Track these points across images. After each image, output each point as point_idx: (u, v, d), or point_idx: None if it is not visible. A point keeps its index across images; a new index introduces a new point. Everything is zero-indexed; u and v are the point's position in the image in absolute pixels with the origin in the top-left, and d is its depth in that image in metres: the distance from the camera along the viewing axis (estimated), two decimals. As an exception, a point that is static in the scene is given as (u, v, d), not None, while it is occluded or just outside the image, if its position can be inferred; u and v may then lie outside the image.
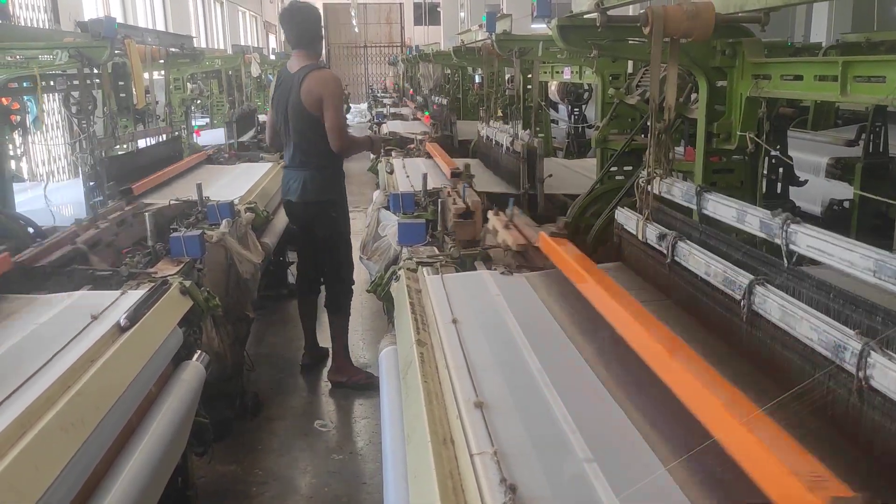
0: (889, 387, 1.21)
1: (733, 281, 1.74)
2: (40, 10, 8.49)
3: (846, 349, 1.31)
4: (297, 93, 3.80)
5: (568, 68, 5.06)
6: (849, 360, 1.30)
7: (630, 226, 2.48)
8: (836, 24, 10.80)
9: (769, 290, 1.61)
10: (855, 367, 1.28)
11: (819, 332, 1.40)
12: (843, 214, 4.49)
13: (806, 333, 1.44)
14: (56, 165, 7.75)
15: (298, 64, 3.88)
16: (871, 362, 1.25)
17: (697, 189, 2.21)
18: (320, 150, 3.90)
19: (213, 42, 18.38)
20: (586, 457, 1.48)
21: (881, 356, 1.23)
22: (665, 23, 2.23)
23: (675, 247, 2.09)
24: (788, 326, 1.51)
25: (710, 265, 1.87)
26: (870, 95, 1.97)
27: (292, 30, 3.94)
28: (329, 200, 4.03)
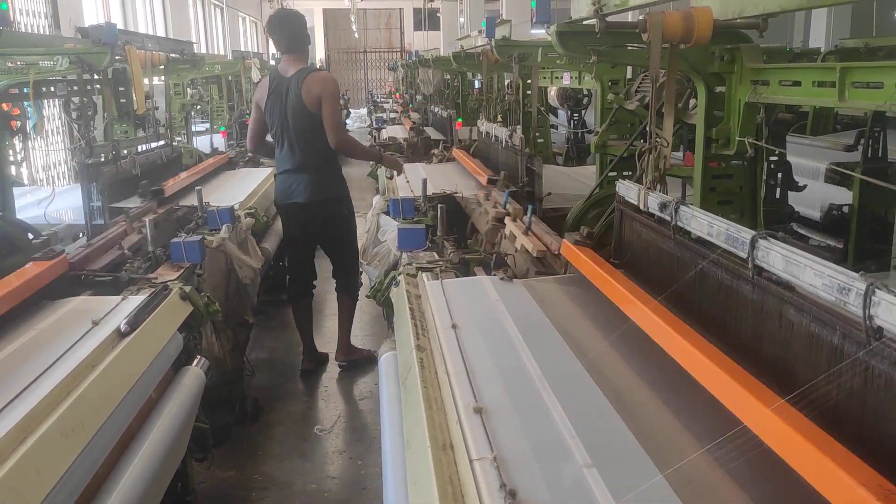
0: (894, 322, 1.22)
1: (736, 238, 1.75)
2: (41, 16, 8.51)
3: (850, 291, 1.32)
4: (298, 93, 3.87)
5: (567, 74, 5.08)
6: (853, 302, 1.31)
7: (631, 196, 2.46)
8: (835, 29, 10.84)
9: (772, 243, 1.61)
10: (861, 307, 1.29)
11: (823, 277, 1.41)
12: (842, 219, 4.50)
13: (810, 280, 1.45)
14: (56, 171, 7.76)
15: (294, 67, 3.95)
16: (877, 300, 1.26)
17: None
18: (318, 150, 3.97)
19: (213, 47, 18.42)
20: (585, 462, 1.48)
21: (886, 293, 1.24)
22: (664, 29, 2.24)
23: (678, 211, 2.09)
24: (793, 276, 1.52)
25: (713, 225, 1.88)
26: (868, 101, 1.99)
27: (284, 36, 4.01)
28: (340, 197, 4.18)
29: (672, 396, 1.76)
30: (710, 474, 1.42)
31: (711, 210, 2.12)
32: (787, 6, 2.04)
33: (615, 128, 4.16)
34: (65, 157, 7.58)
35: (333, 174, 4.13)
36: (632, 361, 1.98)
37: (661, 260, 2.28)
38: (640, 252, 2.46)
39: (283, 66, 4.01)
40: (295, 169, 4.02)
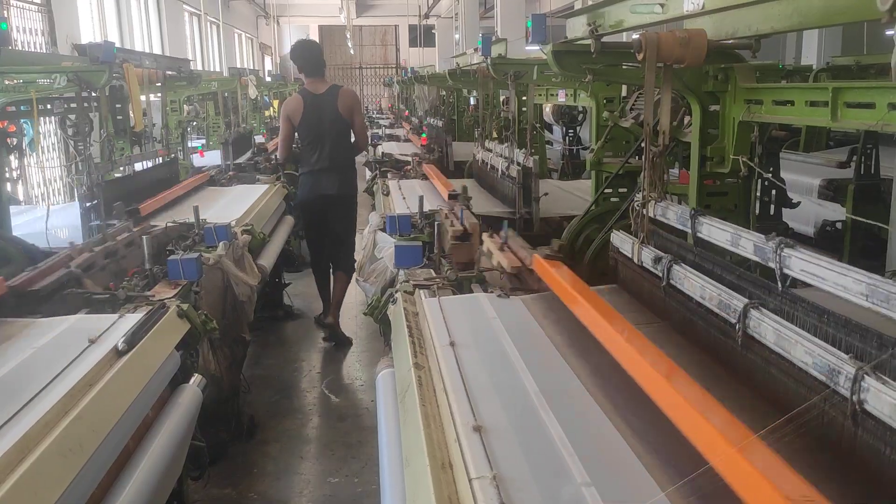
0: (883, 410, 1.22)
1: (728, 304, 1.76)
2: (37, 34, 8.54)
3: (840, 373, 1.32)
4: (335, 105, 4.90)
5: (563, 91, 5.11)
6: (843, 385, 1.32)
7: (626, 249, 2.50)
8: (827, 46, 10.93)
9: (764, 314, 1.62)
10: (849, 391, 1.29)
11: (814, 355, 1.42)
12: (835, 235, 4.52)
13: (801, 357, 1.46)
14: (52, 188, 7.75)
15: (323, 86, 4.95)
16: (865, 386, 1.26)
17: (692, 213, 2.24)
18: (346, 152, 5.06)
19: (209, 64, 18.48)
20: (584, 480, 1.49)
21: (875, 380, 1.25)
22: (658, 49, 2.26)
23: (671, 270, 2.11)
24: (783, 350, 1.53)
25: (705, 289, 1.89)
26: (860, 121, 2.00)
27: (308, 62, 4.96)
28: (355, 192, 5.24)
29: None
30: (711, 492, 1.42)
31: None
32: (779, 27, 2.06)
33: (610, 145, 4.18)
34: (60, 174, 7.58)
35: (353, 172, 5.17)
36: (630, 378, 1.98)
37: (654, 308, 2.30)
38: (637, 297, 2.48)
39: (310, 86, 4.95)
40: (328, 168, 4.96)
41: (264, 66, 27.18)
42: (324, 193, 5.00)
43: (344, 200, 5.10)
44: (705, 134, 2.73)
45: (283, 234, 5.36)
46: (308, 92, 4.95)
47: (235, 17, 22.73)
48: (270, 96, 14.17)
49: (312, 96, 4.92)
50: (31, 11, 8.42)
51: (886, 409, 1.21)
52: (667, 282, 2.13)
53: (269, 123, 11.82)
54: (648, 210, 2.42)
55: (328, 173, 4.97)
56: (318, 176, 4.98)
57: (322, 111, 4.89)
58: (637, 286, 2.46)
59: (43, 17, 8.66)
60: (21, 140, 4.76)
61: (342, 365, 4.93)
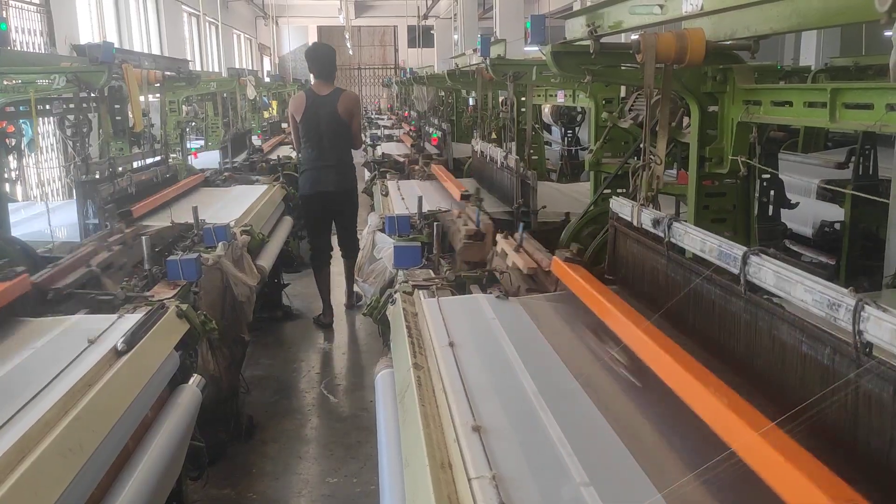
0: (883, 338, 1.24)
1: (728, 254, 1.76)
2: (36, 34, 8.54)
3: (840, 306, 1.33)
4: (334, 108, 5.19)
5: (561, 92, 5.11)
6: (843, 318, 1.32)
7: (625, 212, 2.48)
8: (825, 47, 10.94)
9: (764, 259, 1.63)
10: (850, 322, 1.30)
11: (813, 293, 1.42)
12: (834, 236, 4.53)
13: (801, 296, 1.46)
14: (50, 188, 7.75)
15: (327, 89, 5.25)
16: (866, 316, 1.27)
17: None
18: (344, 150, 5.35)
19: (207, 65, 18.47)
20: (583, 480, 1.49)
21: (875, 309, 1.26)
22: (657, 50, 2.27)
23: (671, 228, 2.11)
24: (784, 292, 1.53)
25: (705, 241, 1.89)
26: (858, 122, 2.01)
27: (317, 65, 5.28)
28: (355, 187, 5.53)
29: (669, 413, 1.76)
30: (708, 493, 1.42)
31: (705, 227, 2.13)
32: (778, 28, 2.06)
33: (609, 145, 4.18)
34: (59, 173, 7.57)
35: (351, 169, 5.44)
36: (628, 379, 1.99)
37: (654, 277, 2.30)
38: (634, 269, 2.48)
39: (315, 87, 5.28)
40: (326, 165, 5.24)
41: (263, 67, 27.18)
42: (323, 190, 5.28)
43: (344, 195, 5.38)
44: (704, 134, 2.73)
45: (282, 235, 5.36)
46: (313, 92, 5.28)
47: (234, 17, 22.73)
48: (269, 97, 14.16)
49: (316, 96, 5.24)
50: (30, 12, 8.42)
51: (887, 335, 1.22)
52: (668, 239, 2.12)
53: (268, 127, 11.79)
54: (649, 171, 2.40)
55: (327, 170, 5.27)
56: (318, 173, 5.27)
57: (322, 111, 5.19)
58: (637, 254, 2.44)
59: (42, 18, 8.67)
60: (20, 140, 4.76)
61: (341, 365, 4.94)
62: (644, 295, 2.36)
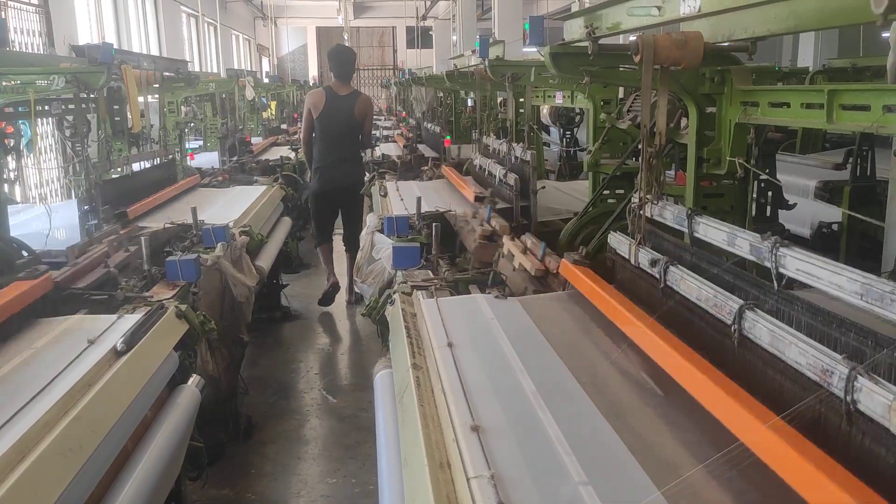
0: (876, 410, 1.23)
1: (723, 306, 1.77)
2: (35, 35, 8.54)
3: (834, 373, 1.33)
4: (351, 108, 5.54)
5: (560, 93, 5.12)
6: (836, 385, 1.32)
7: (623, 250, 2.51)
8: (823, 48, 10.97)
9: (759, 315, 1.63)
10: (843, 391, 1.30)
11: (807, 356, 1.42)
12: (831, 237, 4.54)
13: (795, 358, 1.47)
14: (49, 188, 7.75)
15: (345, 90, 5.60)
16: (858, 386, 1.27)
17: (689, 212, 2.25)
18: (355, 149, 5.76)
19: (206, 65, 18.47)
20: (582, 479, 1.50)
21: (868, 381, 1.25)
22: (655, 51, 2.27)
23: (667, 271, 2.12)
24: (778, 351, 1.54)
25: (701, 290, 1.90)
26: (855, 123, 2.02)
27: (338, 66, 5.61)
28: (363, 183, 5.89)
29: (668, 413, 1.77)
30: (707, 491, 1.43)
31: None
32: (775, 30, 2.07)
33: (607, 146, 4.19)
34: (58, 174, 7.57)
35: (361, 166, 6.00)
36: (627, 378, 2.00)
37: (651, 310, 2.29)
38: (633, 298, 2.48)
39: (335, 86, 5.61)
40: (340, 160, 5.60)
41: (262, 68, 27.19)
42: (335, 185, 5.65)
43: (352, 190, 5.78)
44: (702, 136, 2.74)
45: (281, 236, 5.37)
46: (332, 91, 5.59)
47: (233, 18, 22.73)
48: (268, 97, 14.16)
49: (335, 95, 5.56)
50: (29, 13, 8.42)
51: (879, 409, 1.22)
52: (664, 283, 2.13)
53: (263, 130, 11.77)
54: (645, 211, 2.42)
55: (340, 165, 5.63)
56: (332, 168, 5.62)
57: (339, 110, 5.53)
58: (635, 287, 2.46)
59: (40, 19, 8.66)
60: (18, 141, 4.77)
61: (340, 366, 4.94)
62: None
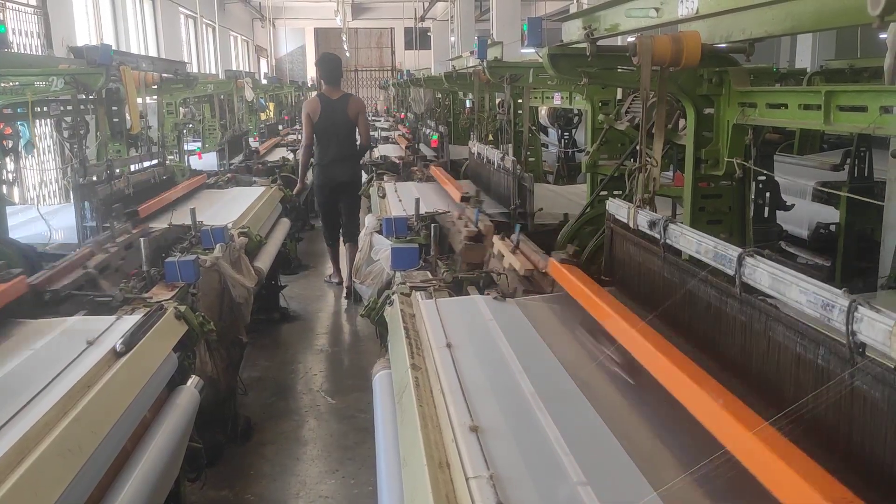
0: (877, 338, 1.25)
1: (723, 255, 1.78)
2: (33, 36, 8.54)
3: (834, 307, 1.34)
4: (345, 111, 6.04)
5: (558, 94, 5.13)
6: (836, 319, 1.33)
7: (621, 214, 2.49)
8: (821, 49, 10.98)
9: (759, 260, 1.64)
10: (844, 323, 1.31)
11: (808, 294, 1.43)
12: (829, 237, 4.55)
13: (796, 297, 1.47)
14: (47, 189, 7.75)
15: (336, 93, 6.09)
16: (859, 317, 1.28)
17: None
18: (352, 148, 6.18)
19: (204, 67, 18.47)
20: (580, 480, 1.50)
21: (868, 310, 1.27)
22: (653, 53, 2.28)
23: (667, 229, 2.12)
24: (779, 293, 1.54)
25: (701, 243, 1.90)
26: (852, 124, 2.03)
27: (329, 71, 6.11)
28: (360, 179, 6.40)
29: (665, 414, 1.78)
30: (703, 491, 1.44)
31: (701, 229, 2.15)
32: (773, 31, 2.08)
33: (606, 147, 4.20)
34: (56, 175, 7.57)
35: (357, 164, 6.38)
36: (624, 379, 2.00)
37: (650, 278, 2.31)
38: (631, 270, 2.49)
39: (327, 92, 6.11)
40: (338, 159, 6.06)
41: (260, 69, 27.19)
42: (337, 180, 6.12)
43: (352, 185, 6.25)
44: (700, 137, 2.75)
45: (280, 237, 5.37)
46: (325, 96, 6.08)
47: (231, 19, 22.73)
48: (266, 99, 14.16)
49: (328, 100, 6.04)
50: (27, 14, 8.42)
51: (880, 336, 1.23)
52: (664, 241, 2.13)
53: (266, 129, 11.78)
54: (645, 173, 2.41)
55: (339, 163, 6.08)
56: (331, 166, 6.08)
57: (335, 113, 6.01)
58: (633, 255, 2.45)
59: (39, 20, 8.66)
60: (17, 142, 4.77)
61: (339, 367, 4.94)
62: (640, 296, 2.37)
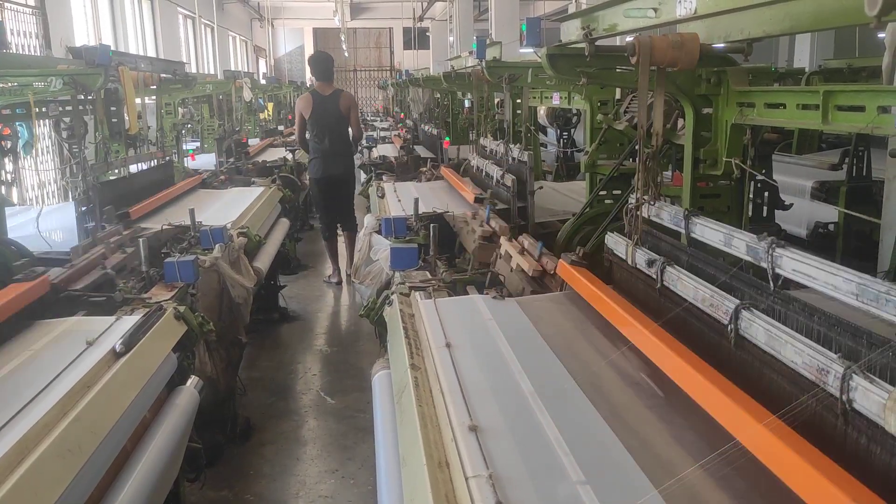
0: (871, 409, 1.24)
1: (720, 306, 1.78)
2: (32, 37, 8.54)
3: (829, 372, 1.34)
4: (337, 106, 6.39)
5: (557, 94, 5.14)
6: (832, 384, 1.33)
7: (620, 251, 2.52)
8: (819, 49, 10.99)
9: (755, 315, 1.64)
10: (838, 390, 1.31)
11: (803, 355, 1.43)
12: (828, 237, 4.56)
13: (791, 357, 1.48)
14: (46, 190, 7.74)
15: (329, 90, 6.43)
16: (854, 385, 1.28)
17: (686, 213, 2.25)
18: (345, 141, 6.54)
19: (203, 67, 18.46)
20: (579, 479, 1.50)
21: (863, 379, 1.26)
22: (652, 53, 2.29)
23: (664, 272, 2.13)
24: (774, 350, 1.55)
25: (697, 290, 1.91)
26: (850, 124, 2.03)
27: (319, 70, 6.46)
28: (354, 171, 6.86)
29: (665, 413, 1.78)
30: (705, 490, 1.44)
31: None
32: (771, 31, 2.09)
33: (604, 147, 4.21)
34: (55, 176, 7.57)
35: (350, 156, 6.73)
36: (624, 378, 2.01)
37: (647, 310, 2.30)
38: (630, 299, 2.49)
39: (319, 88, 6.44)
40: (331, 153, 6.38)
41: (259, 69, 27.17)
42: (331, 173, 6.46)
43: (345, 177, 6.63)
44: (698, 136, 2.75)
45: (279, 237, 5.37)
46: (317, 93, 6.41)
47: (230, 19, 22.72)
48: (265, 99, 14.16)
49: (320, 97, 6.38)
50: (26, 14, 8.42)
51: (874, 407, 1.23)
52: (661, 283, 2.14)
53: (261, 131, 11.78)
54: (642, 212, 2.43)
55: (332, 157, 6.41)
56: (325, 159, 6.41)
57: (327, 109, 6.35)
58: (631, 287, 2.47)
59: (37, 20, 8.66)
60: (16, 143, 4.77)
61: (338, 367, 4.94)
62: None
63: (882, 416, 1.21)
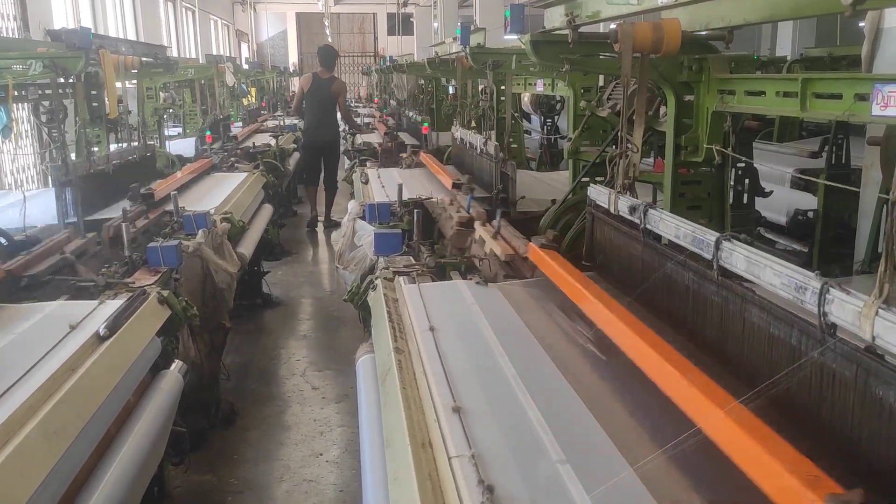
0: (847, 319, 1.29)
1: (701, 240, 1.82)
2: (9, 19, 8.41)
3: (807, 290, 1.39)
4: (330, 88, 8.07)
5: (541, 81, 5.15)
6: (809, 301, 1.38)
7: (602, 200, 2.53)
8: (801, 37, 11.08)
9: (735, 244, 1.69)
10: (816, 304, 1.36)
11: (782, 276, 1.48)
12: (807, 224, 4.62)
13: (770, 280, 1.52)
14: (25, 174, 7.66)
15: (326, 75, 8.21)
16: (830, 298, 1.33)
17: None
18: (333, 116, 8.33)
19: (184, 51, 18.26)
20: (559, 458, 1.54)
21: (839, 292, 1.32)
22: (634, 40, 2.31)
23: (647, 214, 2.16)
24: (754, 276, 1.58)
25: (679, 227, 1.94)
26: (828, 111, 2.07)
27: (325, 59, 8.26)
28: (339, 140, 8.50)
29: (641, 393, 1.81)
30: (678, 467, 1.48)
31: (680, 215, 2.18)
32: (751, 19, 2.11)
33: (587, 134, 4.23)
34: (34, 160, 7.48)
35: (336, 128, 8.47)
36: (602, 360, 2.04)
37: (630, 262, 2.35)
38: (611, 254, 2.53)
39: (320, 73, 8.22)
40: (321, 125, 8.14)
41: (241, 54, 26.90)
42: (319, 141, 8.14)
43: (332, 144, 8.29)
44: (680, 123, 2.78)
45: (263, 223, 5.35)
46: (318, 76, 8.17)
47: (211, 3, 22.44)
48: (248, 84, 14.04)
49: (319, 79, 8.13)
50: (3, -4, 8.28)
51: (850, 317, 1.28)
52: (644, 225, 2.17)
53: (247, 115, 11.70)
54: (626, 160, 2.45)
55: (322, 128, 8.15)
56: (316, 130, 8.14)
57: (321, 89, 8.04)
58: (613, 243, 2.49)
59: (15, 2, 8.52)
60: (-6, 127, 4.71)
61: (321, 352, 4.95)
62: (620, 280, 2.41)
63: (858, 325, 1.26)
